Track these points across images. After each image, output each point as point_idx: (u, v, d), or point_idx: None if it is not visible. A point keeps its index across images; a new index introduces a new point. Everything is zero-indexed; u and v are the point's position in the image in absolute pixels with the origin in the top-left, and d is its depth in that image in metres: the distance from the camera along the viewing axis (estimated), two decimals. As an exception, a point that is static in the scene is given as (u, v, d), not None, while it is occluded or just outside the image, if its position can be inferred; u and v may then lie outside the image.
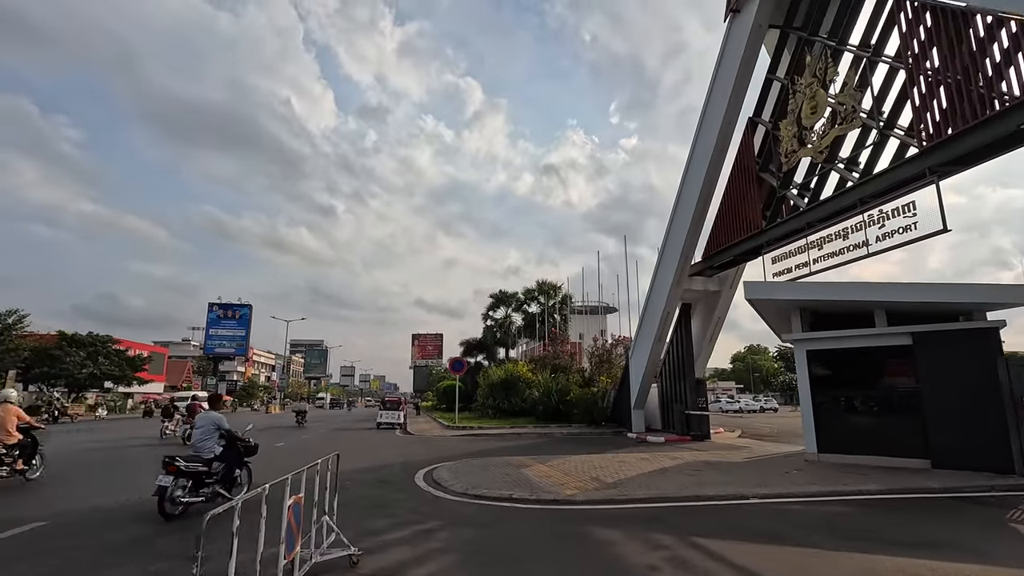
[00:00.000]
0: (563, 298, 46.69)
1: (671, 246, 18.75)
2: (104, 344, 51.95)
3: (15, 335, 45.57)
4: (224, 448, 7.61)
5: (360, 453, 14.99)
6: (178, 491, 6.89)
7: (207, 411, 7.93)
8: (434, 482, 9.36)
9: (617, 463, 11.47)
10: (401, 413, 26.62)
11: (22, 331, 46.32)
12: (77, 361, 47.36)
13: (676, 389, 20.50)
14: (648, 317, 20.41)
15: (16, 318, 46.05)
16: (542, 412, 25.13)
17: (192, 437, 7.53)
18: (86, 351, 49.00)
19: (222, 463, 7.50)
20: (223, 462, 7.52)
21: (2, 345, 44.47)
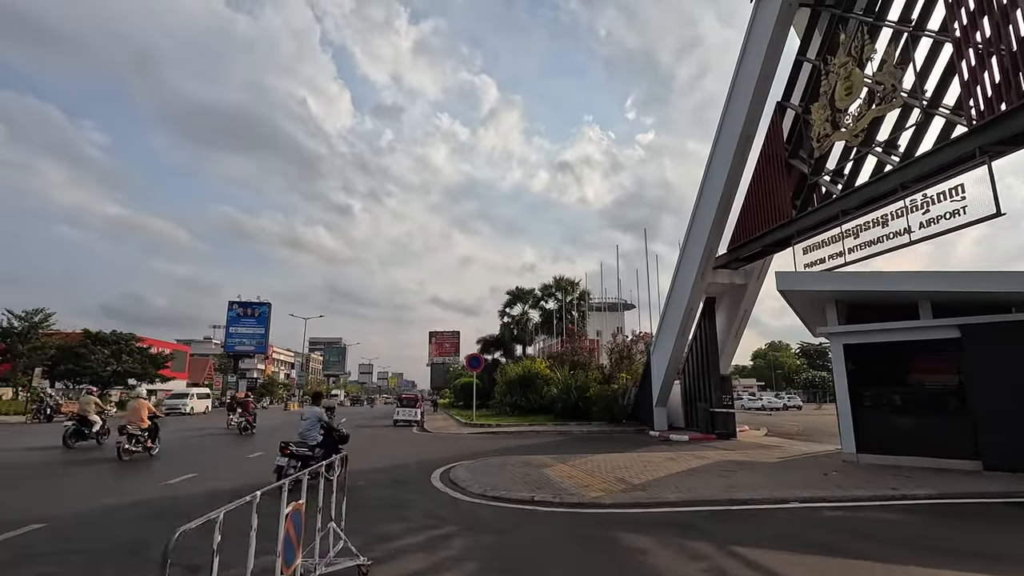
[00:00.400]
0: (581, 294, 46.08)
1: (695, 238, 18.11)
2: (127, 342, 52.67)
3: (41, 333, 46.47)
4: (324, 436, 9.09)
5: (376, 451, 14.68)
6: (290, 469, 8.26)
7: (312, 406, 9.74)
8: (451, 482, 8.96)
9: (642, 463, 10.95)
10: (418, 410, 26.34)
11: (48, 329, 47.25)
12: (101, 359, 48.05)
13: (700, 386, 19.85)
14: (670, 312, 19.78)
15: (42, 316, 46.93)
16: (561, 409, 24.64)
17: (300, 427, 9.22)
18: (110, 349, 49.72)
19: (323, 449, 8.84)
20: (323, 448, 8.86)
21: (29, 343, 45.35)
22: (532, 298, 50.37)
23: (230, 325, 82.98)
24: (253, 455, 13.29)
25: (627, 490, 7.97)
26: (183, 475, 9.84)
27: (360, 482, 9.09)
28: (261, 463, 11.23)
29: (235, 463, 12.10)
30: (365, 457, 13.15)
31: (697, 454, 12.70)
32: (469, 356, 25.96)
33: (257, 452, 13.85)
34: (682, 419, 21.38)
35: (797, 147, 14.88)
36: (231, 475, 10.13)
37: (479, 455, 13.13)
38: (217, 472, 10.52)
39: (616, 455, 12.52)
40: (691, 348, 20.36)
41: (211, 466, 11.42)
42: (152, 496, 8.04)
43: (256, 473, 10.05)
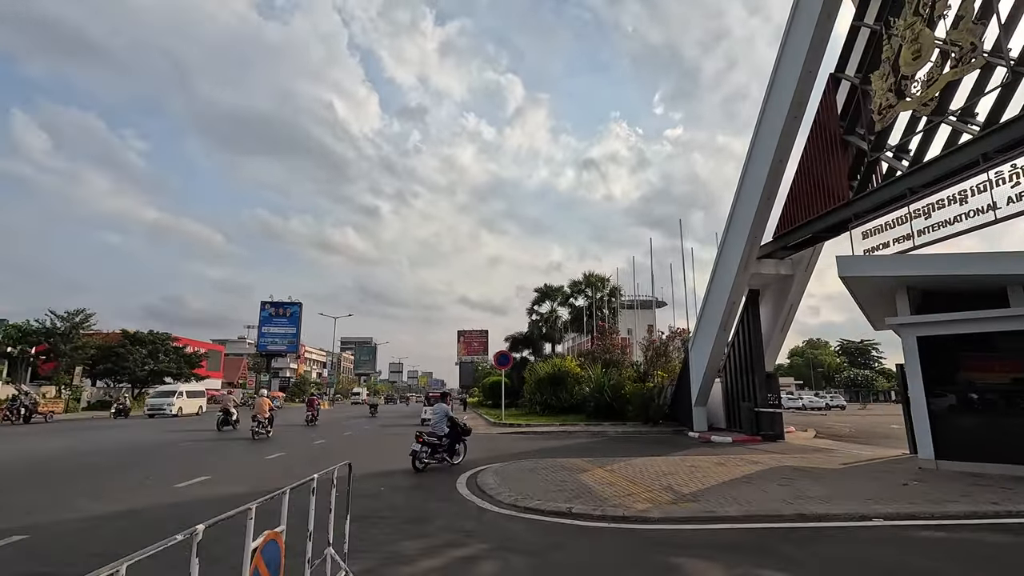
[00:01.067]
0: (611, 290, 44.76)
1: (737, 226, 16.87)
2: (163, 342, 53.77)
3: (82, 334, 47.69)
4: (449, 428, 11.02)
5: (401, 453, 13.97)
6: (423, 455, 10.49)
7: (440, 403, 11.92)
8: (478, 489, 8.13)
9: (688, 468, 9.92)
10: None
11: (88, 330, 48.48)
12: (139, 358, 49.05)
13: (743, 384, 18.59)
14: (710, 306, 18.58)
15: (83, 317, 48.17)
16: (593, 409, 23.61)
17: (430, 421, 11.40)
18: (147, 349, 50.75)
19: (449, 439, 10.91)
20: (450, 439, 10.94)
21: (71, 343, 46.60)
22: (561, 295, 49.32)
23: (262, 325, 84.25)
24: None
25: (677, 501, 7.00)
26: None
27: (381, 487, 8.35)
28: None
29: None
30: (390, 458, 12.46)
31: (746, 458, 11.58)
32: (497, 353, 25.15)
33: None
34: (723, 419, 20.14)
35: (854, 122, 13.57)
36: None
37: (509, 457, 12.29)
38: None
39: (657, 459, 11.50)
40: (733, 344, 19.11)
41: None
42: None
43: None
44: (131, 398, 48.61)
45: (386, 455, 13.28)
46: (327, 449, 14.84)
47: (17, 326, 46.88)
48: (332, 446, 15.71)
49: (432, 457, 10.64)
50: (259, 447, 14.91)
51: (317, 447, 15.39)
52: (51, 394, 44.89)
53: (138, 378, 49.77)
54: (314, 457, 12.72)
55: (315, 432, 20.85)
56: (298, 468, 10.54)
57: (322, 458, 12.15)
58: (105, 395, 49.89)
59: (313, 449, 14.83)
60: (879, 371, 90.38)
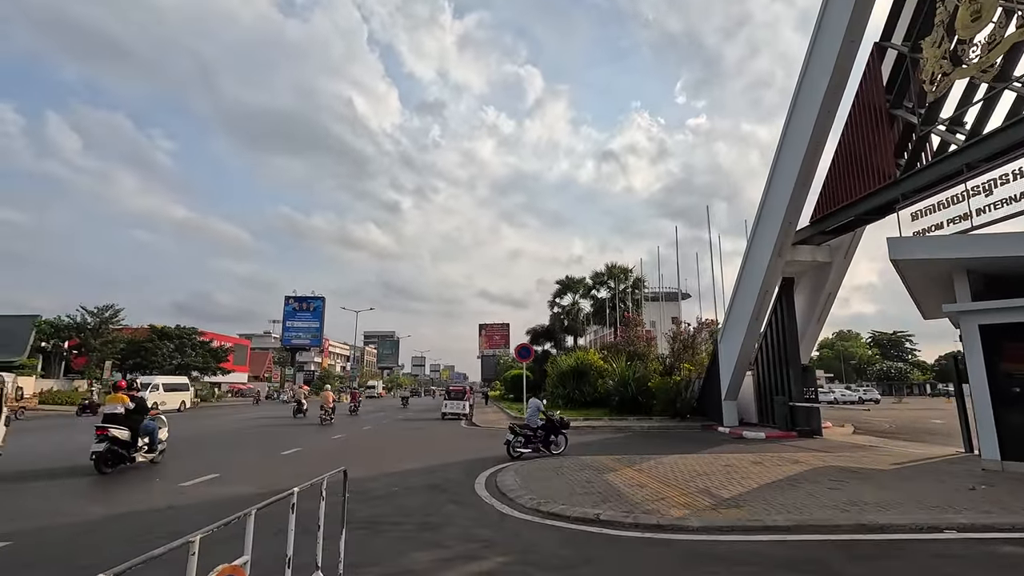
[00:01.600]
0: (635, 282, 43.79)
1: (770, 211, 15.95)
2: (189, 336, 54.60)
3: (111, 329, 48.66)
4: (543, 422, 11.68)
5: (418, 448, 13.56)
6: (516, 444, 11.28)
7: (533, 398, 12.60)
8: (498, 491, 7.57)
9: (723, 467, 9.22)
10: (466, 403, 25.24)
11: (117, 325, 49.45)
12: (166, 353, 49.84)
13: (776, 378, 17.70)
14: (741, 295, 17.69)
15: (112, 312, 49.14)
16: (618, 403, 22.91)
17: (525, 413, 12.37)
18: (174, 343, 51.57)
19: (543, 431, 11.61)
20: (544, 431, 11.62)
21: (100, 338, 47.56)
22: (583, 287, 48.52)
23: (286, 319, 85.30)
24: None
25: (716, 507, 6.33)
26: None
27: (395, 487, 7.86)
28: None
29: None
30: (406, 455, 12.02)
31: (785, 457, 10.79)
32: (519, 346, 24.57)
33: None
34: (754, 414, 19.26)
35: (901, 94, 12.57)
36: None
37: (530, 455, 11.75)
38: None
39: (688, 457, 10.81)
40: (765, 335, 18.20)
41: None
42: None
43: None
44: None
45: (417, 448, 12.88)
46: (378, 432, 18.30)
47: (50, 322, 48.07)
48: (382, 431, 19.00)
49: (526, 446, 11.37)
50: (326, 431, 18.32)
51: (368, 431, 18.76)
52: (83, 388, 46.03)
53: (166, 372, 50.59)
54: (366, 439, 15.88)
55: (361, 420, 24.42)
56: (355, 443, 14.10)
57: (373, 440, 15.49)
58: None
59: (366, 433, 17.91)
60: (913, 363, 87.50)
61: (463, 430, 19.41)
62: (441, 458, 11.45)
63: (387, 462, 10.82)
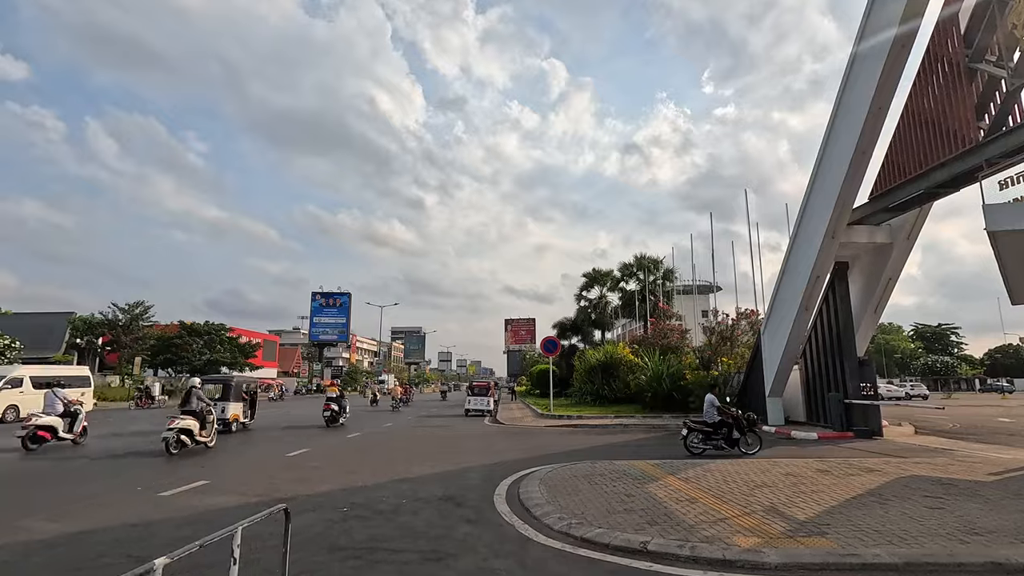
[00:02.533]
0: (665, 273, 42.05)
1: (823, 187, 14.34)
2: (218, 332, 55.02)
3: (141, 325, 49.25)
4: (721, 418, 11.22)
5: (436, 450, 12.52)
6: (693, 440, 11.22)
7: (709, 394, 11.90)
8: (521, 505, 6.43)
9: (785, 477, 7.89)
10: (490, 399, 24.20)
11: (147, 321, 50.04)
12: (196, 349, 50.21)
13: (828, 372, 16.12)
14: (789, 282, 16.13)
15: (142, 309, 49.72)
16: (651, 399, 21.53)
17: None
18: (203, 339, 51.98)
19: (726, 428, 11.07)
20: (725, 427, 11.09)
21: (131, 334, 48.16)
22: (611, 280, 46.94)
23: (314, 315, 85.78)
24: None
25: (794, 534, 5.05)
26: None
27: (404, 499, 6.80)
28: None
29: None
30: (423, 457, 10.99)
31: (854, 463, 9.36)
32: (544, 340, 23.41)
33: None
34: (802, 412, 17.70)
35: (984, 45, 10.91)
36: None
37: (558, 457, 10.58)
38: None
39: (739, 462, 9.48)
40: (815, 326, 16.62)
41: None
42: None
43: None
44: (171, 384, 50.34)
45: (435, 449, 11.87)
46: (396, 431, 17.63)
47: (84, 318, 48.91)
48: (400, 429, 18.33)
49: (706, 443, 11.17)
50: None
51: (388, 429, 18.46)
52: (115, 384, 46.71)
53: (196, 368, 51.02)
54: (383, 438, 15.69)
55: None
56: (370, 442, 14.18)
57: (390, 439, 15.25)
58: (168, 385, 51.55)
59: (385, 432, 17.32)
60: (960, 357, 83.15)
61: (486, 428, 18.35)
62: (460, 460, 10.38)
63: (401, 465, 9.80)
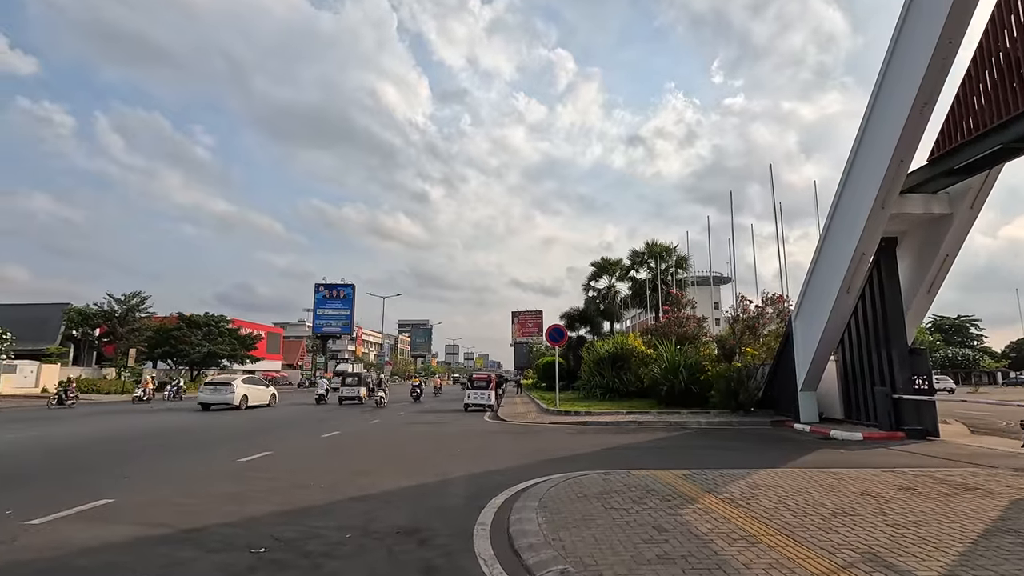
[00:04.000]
0: (678, 260, 40.00)
1: (872, 146, 12.32)
2: (218, 324, 53.68)
3: (138, 316, 47.92)
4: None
5: (419, 453, 10.74)
6: None
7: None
8: (510, 545, 4.62)
9: (864, 500, 6.01)
10: (491, 393, 22.44)
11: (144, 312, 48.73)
12: (195, 341, 48.91)
13: (871, 363, 14.19)
14: (827, 262, 14.18)
15: (139, 300, 48.41)
16: (666, 394, 19.67)
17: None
18: (202, 331, 50.64)
19: None
20: None
21: (126, 325, 46.86)
22: (620, 269, 45.01)
23: (317, 307, 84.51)
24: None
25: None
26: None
27: (350, 532, 5.02)
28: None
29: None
30: (399, 464, 9.22)
31: (938, 477, 7.46)
32: (550, 328, 21.59)
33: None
34: (838, 407, 15.78)
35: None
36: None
37: (564, 464, 8.76)
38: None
39: (790, 474, 7.62)
40: (856, 311, 14.66)
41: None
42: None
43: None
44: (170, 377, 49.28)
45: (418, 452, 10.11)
46: (381, 428, 16.21)
47: (79, 310, 47.65)
48: (388, 426, 16.56)
49: None
50: (321, 429, 15.88)
51: (375, 426, 16.86)
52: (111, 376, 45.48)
53: (195, 360, 49.69)
54: (363, 437, 14.08)
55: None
56: (345, 443, 12.38)
57: (370, 438, 13.79)
58: (165, 377, 50.32)
59: (369, 429, 15.99)
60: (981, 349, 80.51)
61: (485, 425, 16.59)
62: (444, 468, 8.58)
63: (367, 475, 8.03)
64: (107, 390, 41.22)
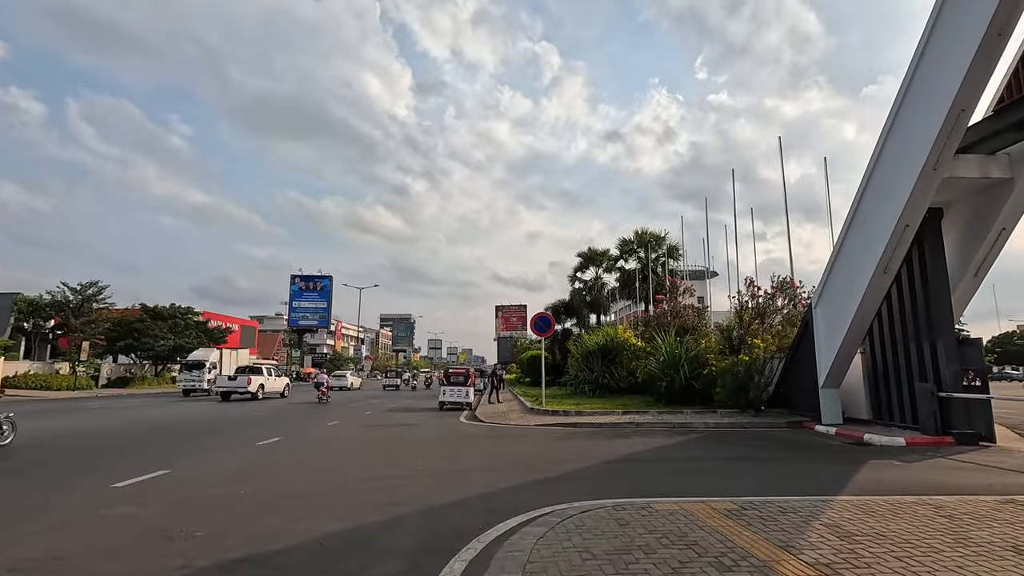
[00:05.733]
0: (669, 249, 38.03)
1: (924, 92, 10.22)
2: (184, 316, 50.67)
3: (95, 308, 44.64)
4: None
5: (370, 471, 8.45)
6: None
7: None
8: None
9: (1012, 552, 3.90)
10: (470, 389, 20.17)
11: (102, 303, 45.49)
12: (159, 334, 45.88)
13: (908, 356, 12.21)
14: (858, 238, 12.16)
15: (95, 290, 45.13)
16: (665, 390, 17.58)
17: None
18: (168, 324, 47.61)
19: None
20: None
21: (81, 317, 43.55)
22: (607, 260, 43.01)
23: (293, 299, 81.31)
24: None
25: None
26: None
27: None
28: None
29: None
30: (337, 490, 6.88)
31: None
32: (535, 317, 19.41)
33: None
34: (864, 407, 13.82)
35: None
36: None
37: (555, 487, 6.54)
38: None
39: (873, 506, 5.47)
40: (888, 296, 12.67)
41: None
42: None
43: None
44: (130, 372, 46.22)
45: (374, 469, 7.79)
46: (340, 432, 13.61)
47: (28, 300, 44.27)
48: (349, 428, 12.72)
49: None
50: (259, 437, 13.50)
51: (333, 428, 14.98)
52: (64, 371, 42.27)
53: (158, 354, 46.62)
54: (314, 445, 11.24)
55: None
56: (284, 459, 9.92)
57: (322, 446, 11.66)
58: (127, 372, 47.19)
59: (326, 432, 13.97)
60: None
61: (459, 428, 14.32)
62: (395, 497, 6.27)
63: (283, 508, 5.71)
64: (57, 386, 38.17)
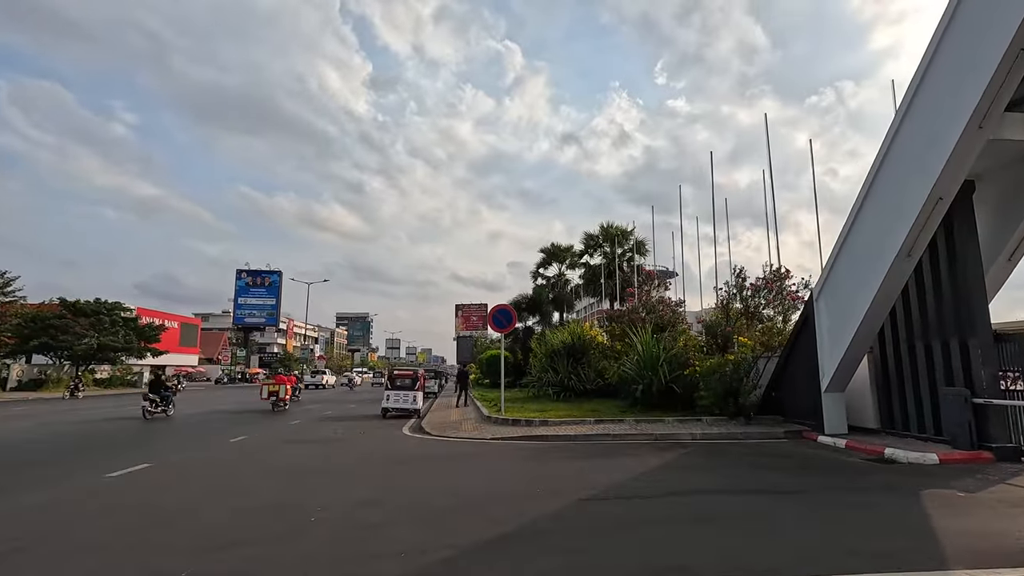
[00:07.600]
0: (636, 245, 36.28)
1: (969, 34, 8.32)
2: (111, 312, 45.85)
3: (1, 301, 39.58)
4: None
5: (227, 536, 5.80)
6: None
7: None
8: None
9: None
10: (418, 394, 17.51)
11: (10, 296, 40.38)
12: (79, 332, 41.08)
13: (929, 355, 10.39)
14: (874, 216, 10.26)
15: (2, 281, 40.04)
16: (641, 394, 15.42)
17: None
18: (90, 320, 42.81)
19: None
20: None
21: (-17, 312, 38.48)
22: (571, 256, 41.06)
23: (239, 296, 76.38)
24: None
25: None
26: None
27: None
28: None
29: None
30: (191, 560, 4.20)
31: None
32: (495, 308, 16.96)
33: None
34: (871, 414, 12.00)
35: None
36: None
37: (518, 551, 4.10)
38: None
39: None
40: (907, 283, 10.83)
41: None
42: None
43: None
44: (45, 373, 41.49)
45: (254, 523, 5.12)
46: (244, 453, 9.22)
47: (-80, 293, 38.87)
48: (258, 448, 8.61)
49: None
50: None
51: (236, 446, 11.82)
52: (-35, 373, 37.20)
53: (79, 353, 41.75)
54: (198, 474, 7.48)
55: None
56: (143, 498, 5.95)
57: (209, 476, 8.07)
58: (40, 374, 42.12)
59: (224, 453, 7.99)
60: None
61: (398, 446, 11.68)
62: None
63: None
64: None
